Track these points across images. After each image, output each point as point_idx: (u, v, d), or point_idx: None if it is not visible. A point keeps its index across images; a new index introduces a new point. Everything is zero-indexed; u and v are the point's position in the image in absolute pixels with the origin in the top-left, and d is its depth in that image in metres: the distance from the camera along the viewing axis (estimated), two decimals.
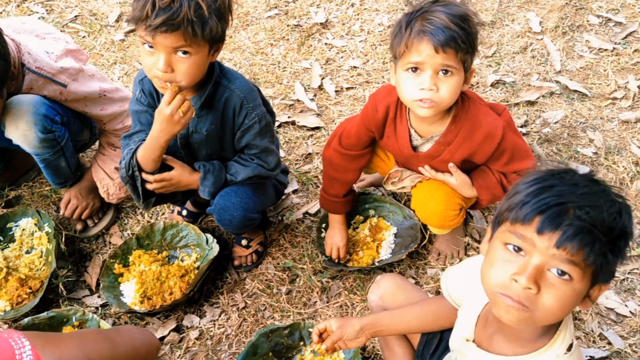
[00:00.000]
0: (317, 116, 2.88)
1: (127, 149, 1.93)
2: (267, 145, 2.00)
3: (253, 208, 2.05)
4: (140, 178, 1.92)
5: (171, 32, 1.61)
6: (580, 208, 1.03)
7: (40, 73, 2.03)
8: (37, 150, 2.14)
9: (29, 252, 2.33)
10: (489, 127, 1.83)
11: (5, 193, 2.61)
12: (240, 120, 1.92)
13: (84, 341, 1.25)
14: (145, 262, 2.23)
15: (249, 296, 2.21)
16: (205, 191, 1.98)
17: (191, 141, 1.98)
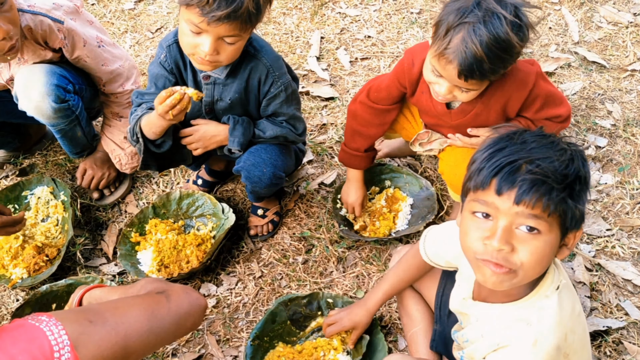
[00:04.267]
0: (331, 86, 2.85)
1: (133, 115, 1.93)
2: (294, 113, 1.99)
3: (282, 166, 2.04)
4: (144, 144, 1.92)
5: (231, 22, 1.61)
6: (531, 162, 1.10)
7: (33, 11, 1.98)
8: (52, 121, 2.13)
9: (44, 220, 2.32)
10: (520, 75, 1.80)
11: (20, 161, 2.60)
12: (266, 89, 1.90)
13: (124, 323, 1.12)
14: (161, 230, 2.23)
15: (265, 265, 2.21)
16: (235, 141, 1.96)
17: (215, 108, 1.97)
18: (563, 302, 1.24)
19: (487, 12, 1.56)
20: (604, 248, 2.14)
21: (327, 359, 1.86)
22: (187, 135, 2.00)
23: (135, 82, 2.33)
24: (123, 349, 1.09)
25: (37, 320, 1.01)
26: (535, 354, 1.19)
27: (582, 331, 1.29)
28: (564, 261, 2.09)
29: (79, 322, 1.05)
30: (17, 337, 0.98)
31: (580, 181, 1.13)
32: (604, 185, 2.31)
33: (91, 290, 1.42)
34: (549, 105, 1.87)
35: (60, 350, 0.98)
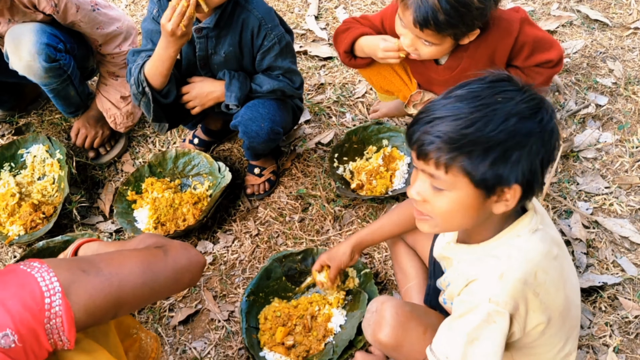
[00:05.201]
0: (329, 46, 2.81)
1: (134, 65, 1.90)
2: (290, 66, 1.96)
3: (280, 121, 2.02)
4: (151, 93, 1.88)
5: None
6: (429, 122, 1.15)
7: None
8: (43, 81, 2.11)
9: (40, 178, 2.32)
10: (503, 24, 1.78)
11: (15, 120, 2.59)
12: (259, 42, 1.88)
13: (118, 274, 1.10)
14: (158, 189, 2.23)
15: (261, 224, 2.21)
16: (232, 96, 1.95)
17: (210, 62, 1.95)
18: (536, 242, 1.24)
19: None
20: (602, 206, 2.12)
21: (322, 314, 1.87)
22: (185, 93, 1.98)
23: (132, 43, 2.30)
24: (115, 300, 1.07)
25: (29, 266, 1.01)
26: (501, 286, 1.21)
27: (558, 276, 1.28)
28: (562, 218, 2.09)
29: (71, 270, 1.04)
30: (8, 282, 0.97)
31: (485, 142, 1.11)
32: (603, 143, 2.29)
33: (88, 242, 1.41)
34: (538, 50, 1.83)
35: (51, 296, 0.98)
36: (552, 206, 2.12)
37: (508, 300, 1.21)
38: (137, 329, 1.33)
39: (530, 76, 1.87)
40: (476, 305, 1.23)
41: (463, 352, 1.23)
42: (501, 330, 1.21)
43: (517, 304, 1.22)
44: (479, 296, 1.23)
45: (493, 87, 1.16)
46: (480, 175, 1.13)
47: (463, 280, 1.29)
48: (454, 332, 1.25)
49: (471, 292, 1.26)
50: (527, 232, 1.25)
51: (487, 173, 1.12)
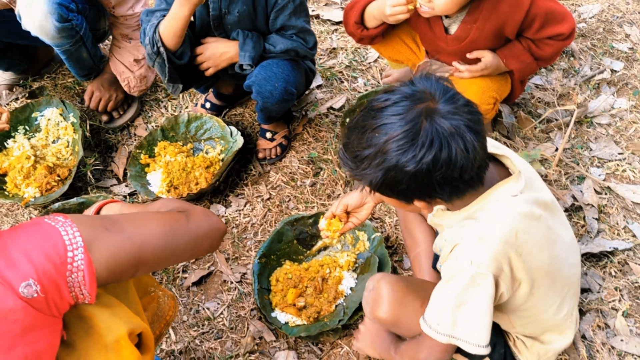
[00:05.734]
0: (341, 10, 2.78)
1: (148, 25, 1.89)
2: (304, 25, 1.95)
3: (293, 82, 2.02)
4: (166, 53, 1.88)
5: None
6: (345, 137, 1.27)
7: None
8: (56, 41, 2.10)
9: (55, 142, 2.34)
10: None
11: (29, 84, 2.60)
12: (273, 1, 1.86)
13: (140, 234, 1.12)
14: (170, 153, 2.24)
15: (273, 188, 2.23)
16: (246, 56, 1.94)
17: (224, 22, 1.94)
18: (514, 204, 1.26)
19: None
20: (615, 172, 2.12)
21: (332, 276, 1.90)
22: (199, 54, 1.97)
23: (145, 4, 2.29)
24: (136, 259, 1.09)
25: (54, 220, 1.02)
26: (481, 248, 1.24)
27: (542, 236, 1.29)
28: (574, 183, 2.08)
29: (94, 227, 1.06)
30: (32, 234, 0.99)
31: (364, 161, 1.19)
32: (618, 109, 2.27)
33: (110, 203, 1.42)
34: (549, 23, 1.80)
35: (74, 250, 0.99)
36: (564, 172, 2.11)
37: (490, 262, 1.23)
38: (155, 287, 1.36)
39: (540, 47, 1.85)
40: (460, 270, 1.25)
41: (452, 317, 1.26)
42: (486, 292, 1.23)
43: (501, 265, 1.24)
44: (461, 260, 1.26)
45: (382, 116, 1.18)
46: (380, 193, 1.24)
47: (448, 245, 1.32)
48: (441, 298, 1.28)
49: (455, 256, 1.29)
50: (506, 196, 1.27)
51: (383, 193, 1.24)
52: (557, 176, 2.09)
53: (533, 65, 1.90)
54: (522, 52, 1.87)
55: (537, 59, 1.89)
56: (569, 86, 2.36)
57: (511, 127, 2.26)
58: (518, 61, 1.88)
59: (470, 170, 1.17)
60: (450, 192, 1.21)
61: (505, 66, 1.90)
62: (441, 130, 1.13)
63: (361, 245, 1.98)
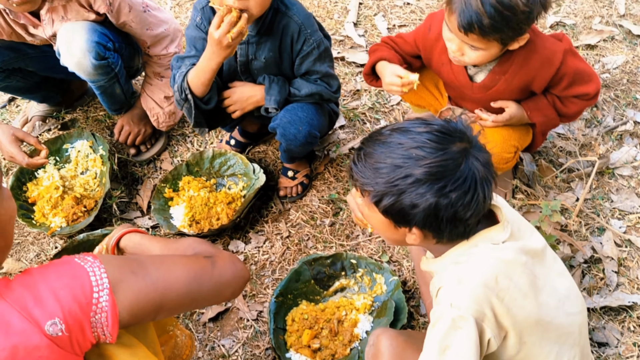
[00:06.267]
0: (366, 53, 2.84)
1: (177, 72, 1.96)
2: (328, 70, 2.00)
3: (317, 125, 2.06)
4: (193, 101, 1.94)
5: None
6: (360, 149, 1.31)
7: None
8: (92, 77, 2.19)
9: (83, 173, 2.41)
10: (546, 52, 1.77)
11: (62, 116, 2.69)
12: (298, 47, 1.92)
13: (165, 280, 1.14)
14: (194, 187, 2.29)
15: (292, 226, 2.26)
16: (272, 100, 2.00)
17: (250, 68, 2.00)
18: (496, 250, 1.29)
19: None
20: (636, 224, 2.11)
21: (349, 319, 1.91)
22: (226, 98, 2.04)
23: (178, 45, 2.38)
24: (157, 305, 1.12)
25: (83, 259, 1.06)
26: (460, 290, 1.25)
27: (527, 283, 1.29)
28: (594, 235, 2.08)
29: (122, 269, 1.09)
30: (62, 273, 1.03)
31: (383, 188, 1.22)
32: None
33: (131, 233, 1.45)
34: (576, 83, 1.83)
35: (99, 291, 1.03)
36: (584, 222, 2.11)
37: (469, 305, 1.24)
38: (173, 326, 1.39)
39: (565, 105, 1.88)
40: (442, 313, 1.26)
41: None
42: (469, 336, 1.23)
43: (482, 309, 1.24)
44: (443, 303, 1.27)
45: (419, 140, 1.22)
46: (381, 210, 1.26)
47: (434, 290, 1.35)
48: (428, 344, 1.29)
49: (438, 300, 1.30)
50: (488, 244, 1.30)
51: (387, 210, 1.25)
52: (577, 227, 2.08)
53: (556, 120, 1.92)
54: (547, 107, 1.90)
55: (561, 115, 1.91)
56: (591, 136, 2.37)
57: (532, 175, 2.27)
58: (541, 115, 1.91)
59: (477, 216, 1.25)
60: (450, 231, 1.26)
61: (529, 118, 1.92)
62: (476, 173, 1.21)
63: (378, 289, 1.99)
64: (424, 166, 1.19)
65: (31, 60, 2.36)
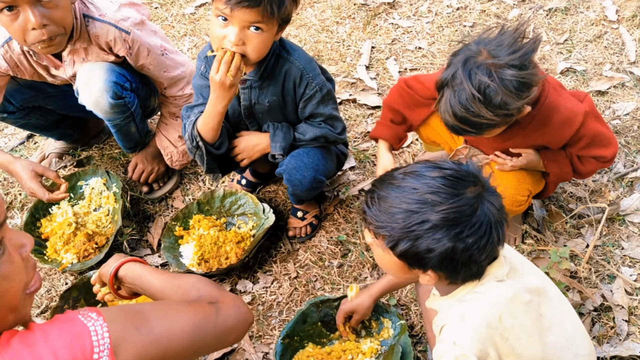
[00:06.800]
0: (378, 95, 2.89)
1: (187, 121, 2.01)
2: (331, 112, 2.03)
3: (322, 170, 2.09)
4: (204, 147, 1.98)
5: (252, 7, 1.67)
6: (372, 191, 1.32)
7: (103, 20, 2.10)
8: (108, 116, 2.24)
9: (96, 209, 2.45)
10: (567, 113, 1.78)
11: (78, 153, 2.75)
12: (301, 91, 1.96)
13: (168, 335, 1.13)
14: (204, 226, 2.32)
15: (301, 267, 2.26)
16: (277, 146, 2.03)
17: (254, 112, 2.04)
18: (500, 288, 1.29)
19: (463, 78, 1.60)
20: None
21: None
22: (234, 147, 2.09)
23: None
24: (161, 358, 1.12)
25: (87, 317, 1.05)
26: (463, 329, 1.25)
27: (532, 322, 1.29)
28: (604, 282, 2.05)
29: (125, 326, 1.08)
30: (65, 331, 1.02)
31: (399, 233, 1.23)
32: None
33: (130, 263, 1.44)
34: (594, 144, 1.84)
35: (100, 352, 1.02)
36: (594, 270, 2.09)
37: (472, 344, 1.23)
38: None
39: (581, 162, 1.90)
40: (444, 351, 1.26)
41: None
42: None
43: (485, 348, 1.24)
44: (446, 341, 1.27)
45: (433, 185, 1.22)
46: (396, 254, 1.26)
47: (437, 328, 1.35)
48: None
49: (441, 338, 1.30)
50: (491, 281, 1.30)
51: (402, 254, 1.25)
52: (587, 274, 2.06)
53: (570, 174, 1.94)
54: (564, 160, 1.91)
55: (575, 171, 1.93)
56: (602, 183, 2.36)
57: (542, 220, 2.26)
58: (557, 166, 1.92)
59: (490, 258, 1.27)
60: (464, 273, 1.27)
61: (544, 167, 1.94)
62: (491, 218, 1.22)
63: (385, 332, 1.97)
64: (441, 212, 1.19)
65: (50, 99, 2.43)
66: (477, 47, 1.62)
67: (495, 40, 1.62)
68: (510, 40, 1.60)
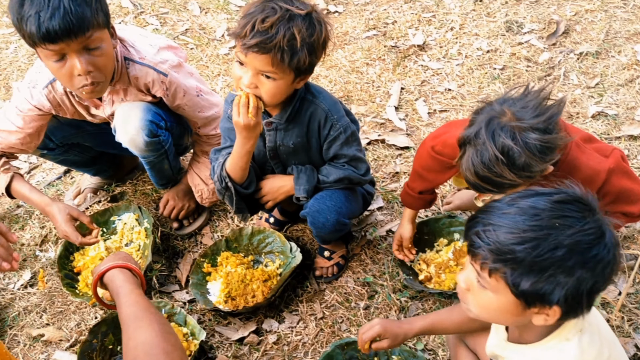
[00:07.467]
0: (407, 136, 2.91)
1: (216, 163, 2.06)
2: (355, 154, 2.05)
3: (346, 213, 2.10)
4: (233, 188, 2.02)
5: (261, 54, 1.72)
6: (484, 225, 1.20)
7: (143, 63, 2.18)
8: (143, 153, 2.31)
9: (128, 244, 2.50)
10: (589, 172, 1.74)
11: (112, 189, 2.82)
12: (325, 132, 1.99)
13: None
14: (232, 263, 2.34)
15: (327, 307, 2.26)
16: (301, 189, 2.06)
17: (279, 153, 2.08)
18: (585, 345, 1.23)
19: (486, 138, 1.59)
20: None
21: None
22: (259, 189, 2.13)
23: None
24: None
25: None
26: None
27: None
28: (637, 331, 1.99)
29: None
30: None
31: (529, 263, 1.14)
32: None
33: (117, 269, 1.54)
34: (621, 201, 1.81)
35: None
36: (627, 318, 2.03)
37: None
38: None
39: (609, 216, 1.85)
40: None
41: None
42: None
43: None
44: None
45: (556, 209, 1.17)
46: (520, 290, 1.15)
47: None
48: None
49: None
50: (575, 333, 1.24)
51: (527, 290, 1.15)
52: (619, 322, 2.01)
53: None
54: None
55: None
56: (635, 229, 2.32)
57: None
58: None
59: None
60: (587, 306, 1.19)
61: None
62: (615, 241, 1.18)
63: None
64: (573, 236, 1.13)
65: (89, 136, 2.51)
66: (501, 107, 1.61)
67: (520, 102, 1.60)
68: (536, 102, 1.59)
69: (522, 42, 3.37)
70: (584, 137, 1.83)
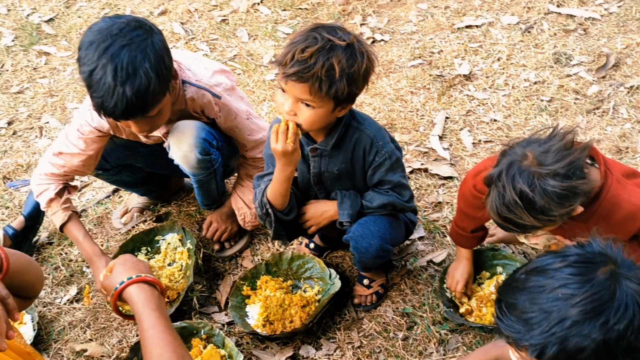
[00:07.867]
0: (450, 166, 2.89)
1: (258, 189, 2.10)
2: (399, 180, 2.05)
3: (389, 239, 2.10)
4: (274, 215, 2.05)
5: (299, 82, 1.75)
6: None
7: (199, 85, 2.26)
8: (194, 171, 2.37)
9: (170, 264, 2.54)
10: (631, 208, 1.69)
11: (157, 209, 2.89)
12: (370, 159, 2.00)
13: None
14: (271, 287, 2.35)
15: (365, 336, 2.24)
16: (345, 214, 2.07)
17: (323, 179, 2.09)
18: None
19: (506, 182, 1.59)
20: None
21: None
22: (303, 214, 2.15)
23: None
24: None
25: None
26: None
27: None
28: None
29: None
30: None
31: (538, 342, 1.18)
32: None
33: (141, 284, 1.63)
34: None
35: None
36: None
37: None
38: None
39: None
40: None
41: None
42: None
43: None
44: None
45: (560, 277, 1.17)
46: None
47: None
48: None
49: None
50: None
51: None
52: None
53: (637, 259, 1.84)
54: (634, 251, 1.80)
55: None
56: None
57: None
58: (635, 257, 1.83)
59: None
60: None
61: None
62: (635, 296, 1.13)
63: None
64: (577, 305, 1.13)
65: (141, 157, 2.60)
66: (524, 150, 1.60)
67: (544, 145, 1.59)
68: (559, 146, 1.56)
69: (570, 75, 3.32)
70: (627, 172, 1.78)
